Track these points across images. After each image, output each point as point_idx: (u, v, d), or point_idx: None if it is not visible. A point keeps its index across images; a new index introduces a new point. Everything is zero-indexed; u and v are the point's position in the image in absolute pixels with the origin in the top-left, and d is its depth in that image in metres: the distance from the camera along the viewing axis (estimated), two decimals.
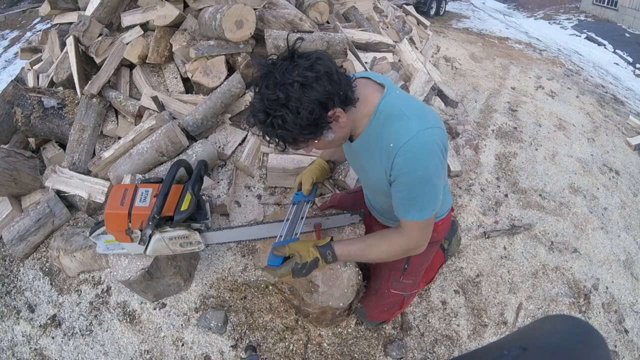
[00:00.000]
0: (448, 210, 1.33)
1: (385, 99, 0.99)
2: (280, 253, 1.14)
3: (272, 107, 0.86)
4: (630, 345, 1.97)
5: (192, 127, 2.13)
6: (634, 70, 7.00)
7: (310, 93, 0.84)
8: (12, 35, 8.01)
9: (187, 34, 2.38)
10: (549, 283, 2.10)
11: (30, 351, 1.71)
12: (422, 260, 1.43)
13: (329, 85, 0.86)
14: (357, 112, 0.98)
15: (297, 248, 1.14)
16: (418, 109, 1.00)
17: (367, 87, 1.02)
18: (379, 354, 1.68)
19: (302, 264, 1.11)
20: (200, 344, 1.66)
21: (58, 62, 2.54)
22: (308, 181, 1.38)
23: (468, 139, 2.90)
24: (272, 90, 0.84)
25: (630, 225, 2.66)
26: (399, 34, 3.87)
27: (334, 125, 0.94)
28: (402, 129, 0.95)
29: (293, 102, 0.84)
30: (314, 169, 1.41)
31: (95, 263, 1.86)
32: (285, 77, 0.84)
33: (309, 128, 0.89)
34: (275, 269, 1.13)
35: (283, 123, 0.87)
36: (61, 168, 2.13)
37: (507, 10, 12.39)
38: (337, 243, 1.15)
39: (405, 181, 0.98)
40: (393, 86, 1.04)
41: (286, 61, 0.86)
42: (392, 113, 0.98)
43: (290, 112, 0.85)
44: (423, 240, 1.09)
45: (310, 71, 0.84)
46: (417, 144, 0.93)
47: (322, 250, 1.13)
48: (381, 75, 1.10)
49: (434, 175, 0.96)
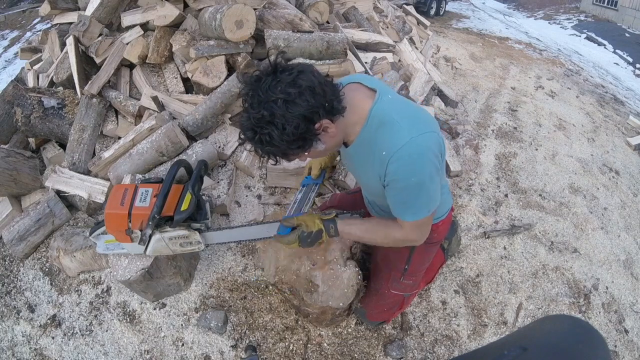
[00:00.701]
0: (448, 210, 1.33)
1: (377, 104, 0.99)
2: (288, 223, 1.22)
3: (259, 125, 0.87)
4: (630, 345, 1.97)
5: (192, 127, 2.13)
6: (634, 70, 7.00)
7: (294, 109, 0.85)
8: (12, 35, 8.00)
9: (187, 34, 2.38)
10: (549, 283, 2.10)
11: (30, 351, 1.71)
12: (423, 260, 1.43)
13: (312, 100, 0.86)
14: (348, 120, 0.98)
15: (304, 219, 1.21)
16: (411, 114, 1.00)
17: (357, 93, 1.01)
18: (379, 354, 1.68)
19: (308, 233, 1.18)
20: (200, 344, 1.66)
21: (58, 62, 2.54)
22: (317, 166, 1.46)
23: (468, 139, 2.90)
24: (257, 108, 0.86)
25: (630, 225, 2.66)
26: (399, 34, 3.87)
27: (322, 136, 0.94)
28: (394, 136, 0.95)
29: (278, 119, 0.85)
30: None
31: (95, 263, 1.86)
32: (268, 95, 0.85)
33: (297, 142, 0.90)
34: (284, 237, 1.22)
35: (270, 140, 0.88)
36: (61, 168, 2.13)
37: (507, 10, 12.39)
38: (340, 221, 1.21)
39: (398, 187, 0.99)
40: (386, 90, 1.04)
41: (269, 77, 0.87)
42: (384, 119, 0.98)
43: (276, 128, 0.86)
44: (421, 235, 1.12)
45: (293, 87, 0.85)
46: (409, 151, 0.93)
47: (325, 224, 1.19)
48: (373, 79, 1.10)
49: (428, 181, 0.97)
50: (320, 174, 1.48)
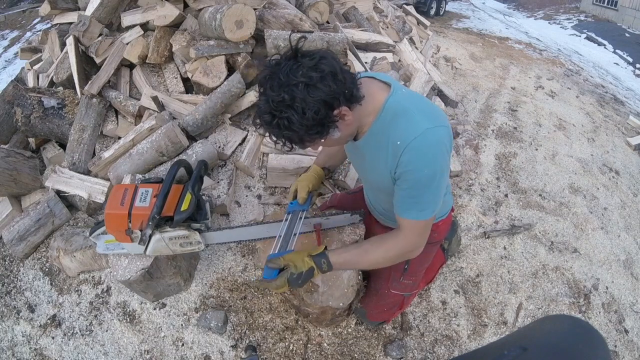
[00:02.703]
0: (449, 210, 1.33)
1: (392, 96, 0.99)
2: (275, 265, 1.12)
3: (278, 109, 0.85)
4: (630, 345, 1.97)
5: (192, 127, 2.13)
6: (634, 70, 7.00)
7: (316, 93, 0.84)
8: (12, 35, 8.01)
9: (187, 34, 2.38)
10: (549, 283, 2.10)
11: (30, 351, 1.72)
12: (423, 260, 1.42)
13: (333, 85, 0.85)
14: (363, 110, 0.98)
15: (292, 258, 1.12)
16: (426, 106, 1.00)
17: (372, 85, 1.01)
18: (379, 354, 1.68)
19: (298, 274, 1.10)
20: (200, 344, 1.66)
21: (58, 62, 2.54)
22: (304, 189, 1.35)
23: (468, 139, 2.90)
24: (277, 91, 0.84)
25: (630, 225, 2.66)
26: (399, 34, 3.87)
27: (340, 123, 0.93)
28: (409, 126, 0.94)
29: (298, 103, 0.84)
30: (310, 177, 1.38)
31: (95, 263, 1.85)
32: (289, 78, 0.83)
33: (315, 128, 0.89)
34: (271, 281, 1.11)
35: (289, 124, 0.86)
36: (61, 168, 2.13)
37: (507, 10, 12.39)
38: (332, 251, 1.13)
39: (409, 178, 0.97)
40: (399, 85, 1.04)
41: (290, 61, 0.85)
42: (400, 111, 0.97)
43: (296, 113, 0.84)
44: (420, 242, 1.08)
45: (315, 71, 0.84)
46: (424, 142, 0.93)
47: (316, 260, 1.11)
48: (386, 75, 1.10)
49: (439, 175, 0.96)
50: (308, 197, 1.36)
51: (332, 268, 1.12)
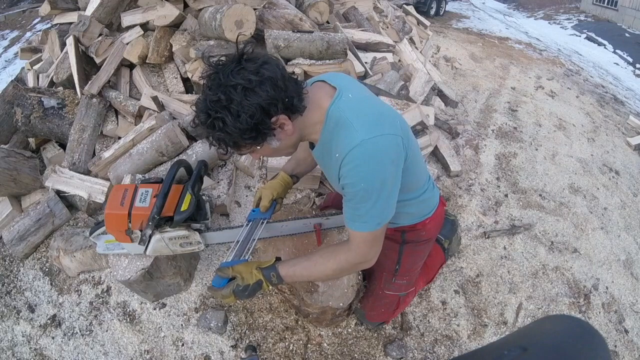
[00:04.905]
0: (434, 207, 1.27)
1: (333, 104, 0.95)
2: (224, 274, 1.10)
3: (213, 109, 0.84)
4: (630, 345, 1.97)
5: (192, 127, 2.13)
6: (634, 70, 7.00)
7: (252, 97, 0.83)
8: (12, 35, 8.00)
9: (187, 34, 2.38)
10: (549, 283, 2.09)
11: (30, 351, 1.71)
12: (414, 260, 1.39)
13: (272, 91, 0.85)
14: (307, 120, 0.96)
15: (240, 270, 1.10)
16: (370, 114, 0.94)
17: (319, 92, 0.98)
18: (379, 354, 1.68)
19: (244, 286, 1.07)
20: (200, 344, 1.66)
21: (58, 62, 2.54)
22: (267, 197, 1.32)
23: (468, 139, 2.90)
24: (215, 91, 0.84)
25: (630, 225, 2.66)
26: (399, 34, 3.87)
27: (278, 132, 0.92)
28: (346, 137, 0.91)
29: (234, 105, 0.83)
30: (276, 184, 1.37)
31: (95, 263, 1.86)
32: (228, 80, 0.83)
33: (250, 132, 0.87)
34: (217, 290, 1.09)
35: (223, 125, 0.85)
36: (61, 168, 2.13)
37: (507, 10, 12.40)
38: (282, 263, 1.10)
39: (349, 192, 0.95)
40: (349, 87, 0.99)
41: (233, 63, 0.85)
42: (340, 120, 0.93)
43: (230, 114, 0.84)
44: (371, 253, 1.03)
45: (255, 75, 0.83)
46: (359, 154, 0.89)
47: (265, 273, 1.08)
48: (340, 76, 1.06)
49: (378, 188, 0.91)
50: (271, 205, 1.33)
51: (283, 281, 1.10)
